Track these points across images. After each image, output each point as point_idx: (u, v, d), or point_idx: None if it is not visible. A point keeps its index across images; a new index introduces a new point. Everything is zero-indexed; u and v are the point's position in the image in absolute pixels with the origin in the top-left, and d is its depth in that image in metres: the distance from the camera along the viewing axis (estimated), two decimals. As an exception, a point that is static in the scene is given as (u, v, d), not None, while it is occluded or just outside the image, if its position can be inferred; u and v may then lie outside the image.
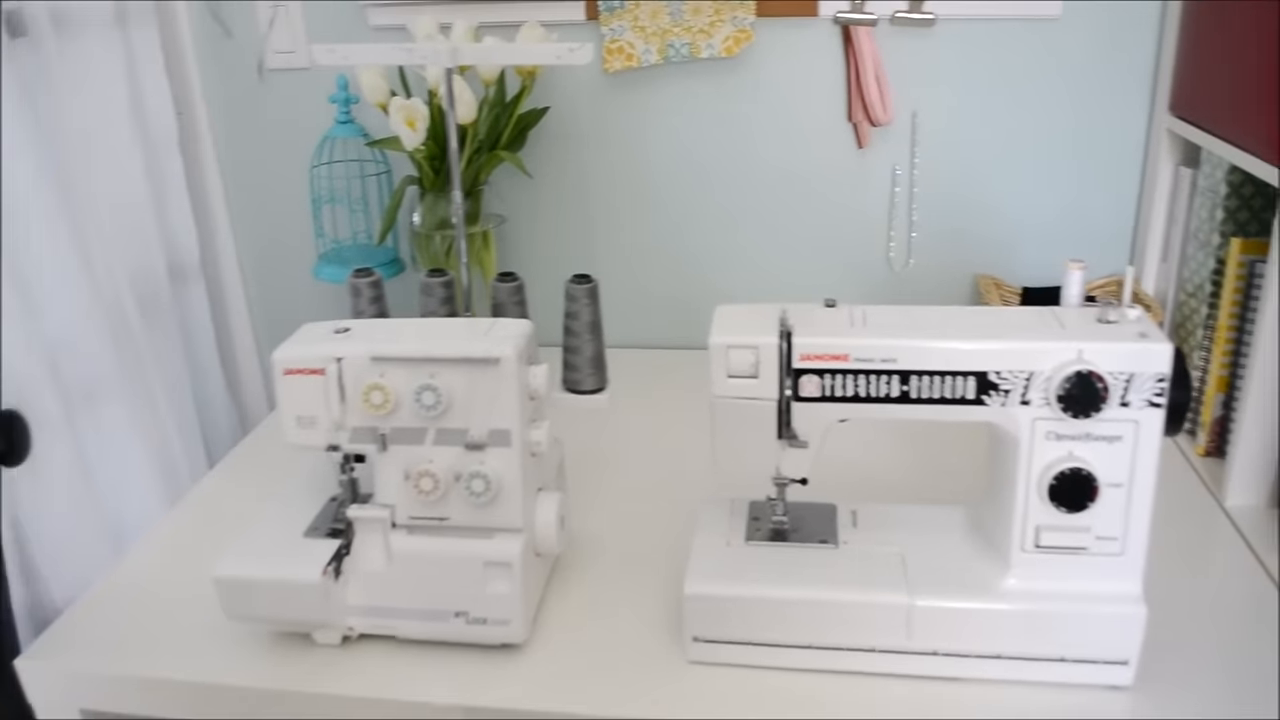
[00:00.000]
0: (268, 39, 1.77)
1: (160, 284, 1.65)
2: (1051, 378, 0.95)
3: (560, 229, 1.83)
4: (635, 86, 1.72)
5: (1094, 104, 1.66)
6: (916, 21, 1.63)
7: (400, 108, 1.47)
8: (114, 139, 1.55)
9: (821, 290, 1.80)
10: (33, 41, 1.40)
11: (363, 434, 1.04)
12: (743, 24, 1.63)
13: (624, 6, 1.64)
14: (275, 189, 1.87)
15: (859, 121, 1.71)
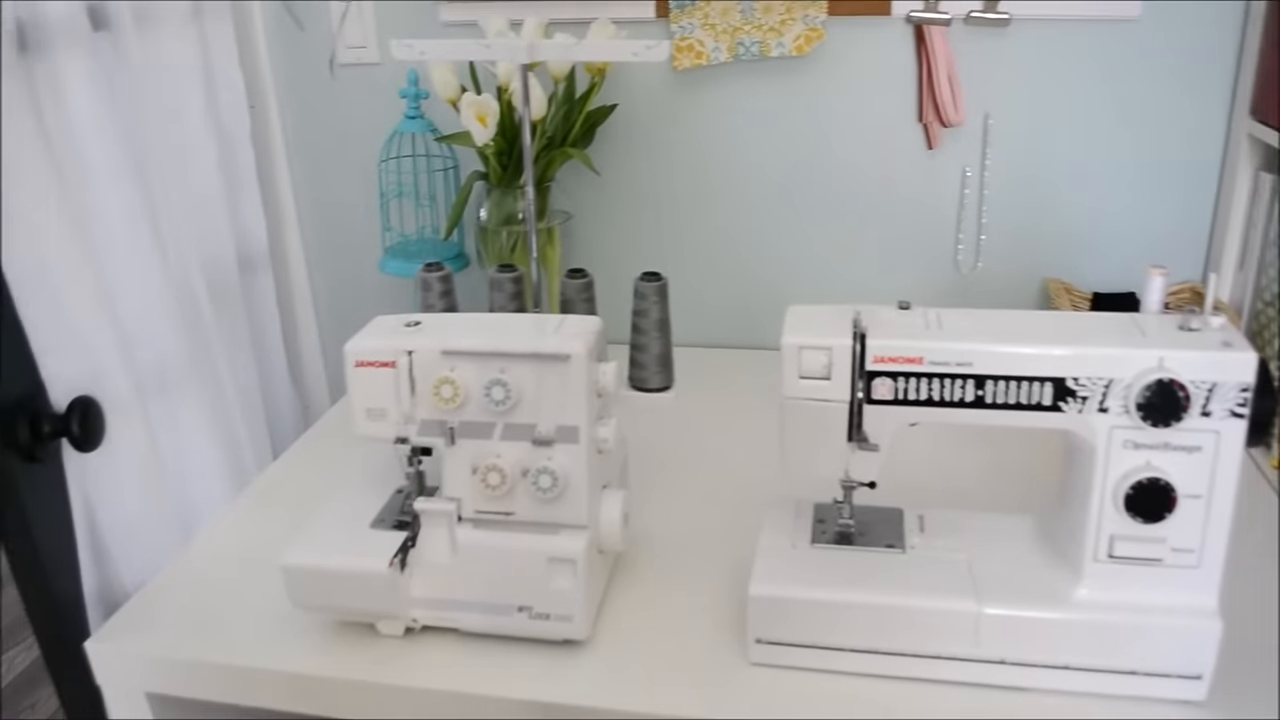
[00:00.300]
0: (339, 34, 1.79)
1: (230, 274, 1.67)
2: (1131, 385, 0.93)
3: (626, 226, 1.83)
4: (704, 84, 1.72)
5: (1172, 107, 1.62)
6: (991, 21, 1.61)
7: (472, 103, 1.48)
8: (189, 130, 1.58)
9: (888, 291, 1.79)
10: (114, 35, 1.42)
11: (431, 427, 1.05)
12: (814, 23, 1.62)
13: (694, 4, 1.64)
14: (343, 182, 1.89)
15: (930, 122, 1.69)
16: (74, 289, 1.27)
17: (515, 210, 1.63)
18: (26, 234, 1.20)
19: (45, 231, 1.23)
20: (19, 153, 1.20)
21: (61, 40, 1.29)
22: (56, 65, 1.29)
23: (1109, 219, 1.70)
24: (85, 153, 1.34)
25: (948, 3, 1.61)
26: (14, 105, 1.18)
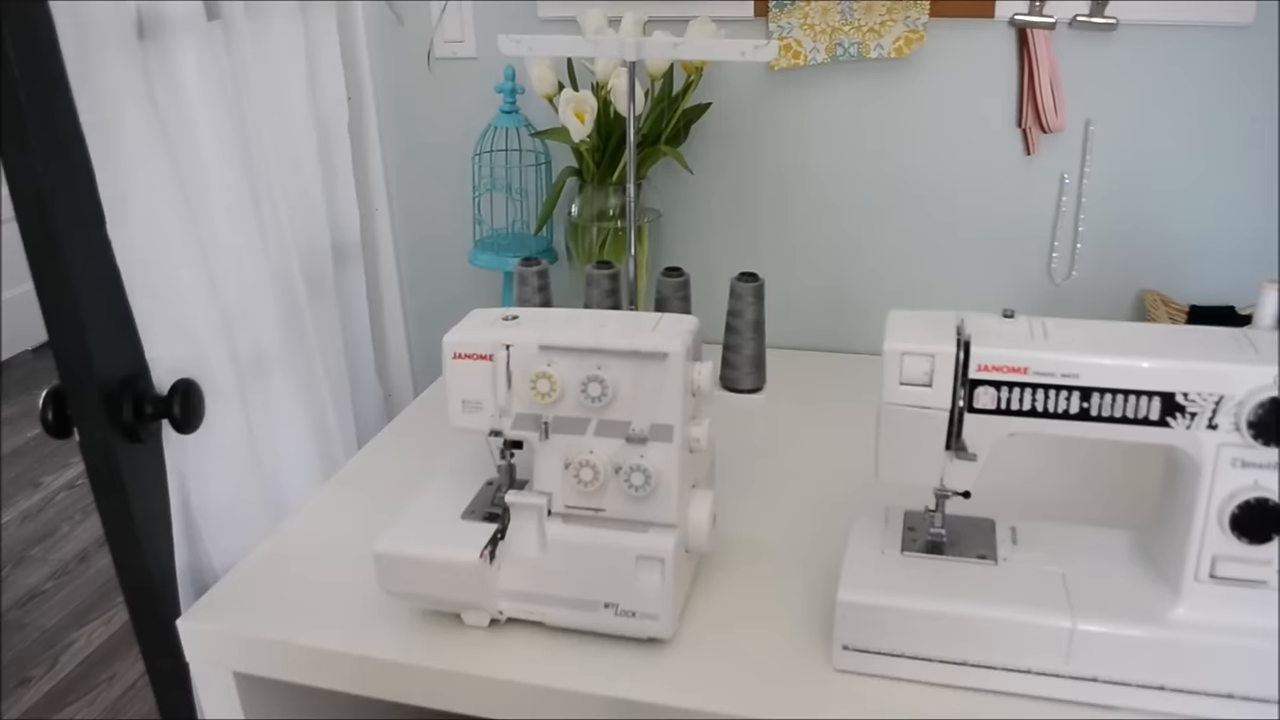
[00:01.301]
0: (438, 28, 1.81)
1: (325, 262, 1.70)
2: (1243, 403, 0.91)
3: (717, 225, 1.83)
4: (800, 85, 1.70)
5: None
6: (1097, 26, 1.58)
7: (570, 99, 1.49)
8: (291, 121, 1.60)
9: (980, 297, 1.76)
10: (225, 25, 1.45)
11: (526, 421, 1.06)
12: (915, 24, 1.60)
13: (794, 4, 1.63)
14: (435, 175, 1.91)
15: (1029, 127, 1.66)
16: (181, 274, 1.30)
17: (606, 206, 1.63)
18: (139, 219, 1.23)
19: (157, 217, 1.26)
20: (134, 138, 1.23)
21: (178, 29, 1.32)
22: (171, 53, 1.32)
23: (1208, 230, 1.66)
24: (196, 139, 1.37)
25: (1053, 5, 1.58)
26: (130, 91, 1.21)
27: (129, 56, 1.20)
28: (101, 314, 1.15)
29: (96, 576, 3.03)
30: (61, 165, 1.09)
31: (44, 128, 1.06)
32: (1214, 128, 1.61)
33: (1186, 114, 1.61)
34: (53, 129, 1.07)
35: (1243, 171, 1.62)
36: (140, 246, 1.24)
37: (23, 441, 3.86)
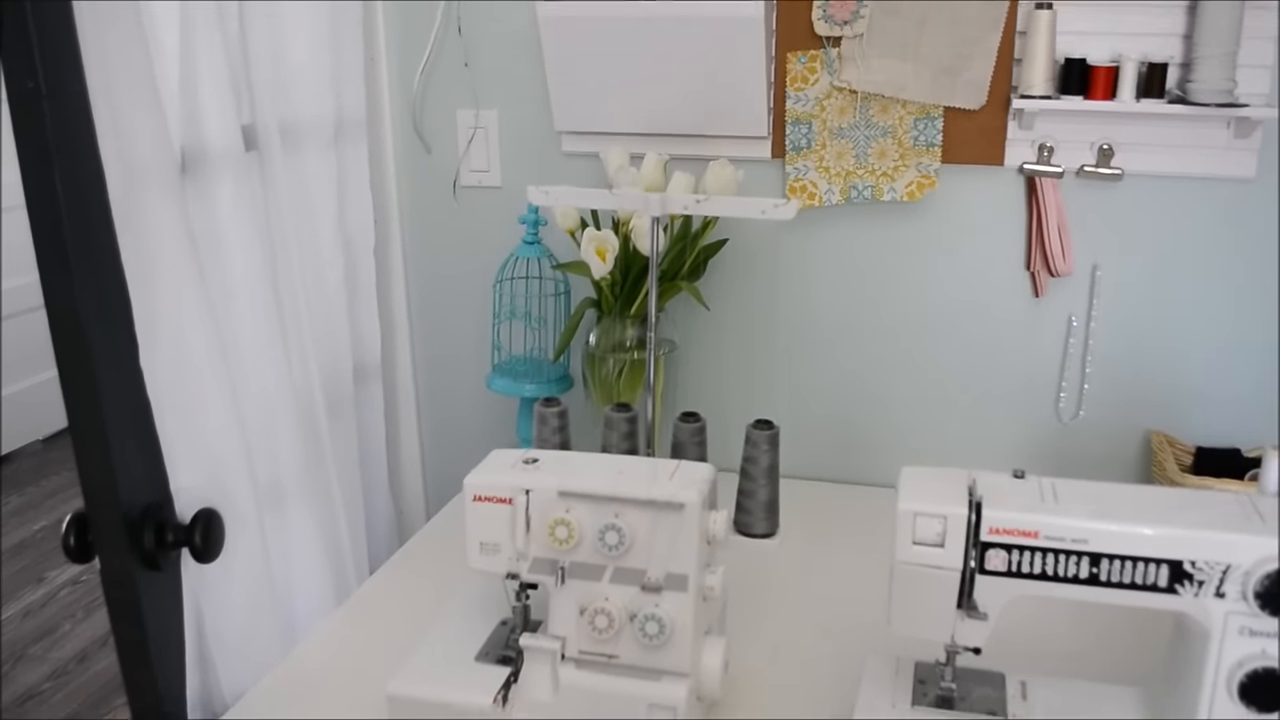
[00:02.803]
0: (464, 158, 1.87)
1: (346, 384, 1.73)
2: (1250, 573, 0.92)
3: (732, 357, 1.86)
4: (816, 224, 1.75)
5: (1283, 266, 1.62)
6: (1104, 176, 1.62)
7: (592, 238, 1.53)
8: (320, 245, 1.65)
9: (989, 434, 1.78)
10: (262, 154, 1.51)
11: (543, 565, 1.07)
12: (927, 170, 1.65)
13: (810, 147, 1.68)
14: (456, 299, 1.95)
15: (1038, 271, 1.70)
16: (208, 400, 1.33)
17: (624, 338, 1.67)
18: (169, 347, 1.26)
19: (187, 345, 1.29)
20: (170, 268, 1.27)
21: (217, 162, 1.37)
22: (209, 185, 1.37)
23: (1214, 374, 1.68)
24: (228, 266, 1.41)
25: (1061, 155, 1.63)
26: (169, 225, 1.26)
27: (170, 193, 1.25)
28: (129, 442, 1.18)
29: (94, 679, 3.00)
30: (100, 297, 1.12)
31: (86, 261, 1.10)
32: (1218, 274, 1.65)
33: (1191, 261, 1.65)
34: (95, 263, 1.11)
35: (1246, 317, 1.65)
36: (169, 373, 1.27)
37: (29, 534, 3.86)
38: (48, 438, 4.62)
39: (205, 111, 1.35)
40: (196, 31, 1.31)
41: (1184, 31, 1.56)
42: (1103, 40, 1.57)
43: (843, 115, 1.66)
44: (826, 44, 1.64)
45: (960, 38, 1.59)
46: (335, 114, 1.65)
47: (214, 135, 1.36)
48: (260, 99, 1.49)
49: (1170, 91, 1.56)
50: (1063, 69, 1.57)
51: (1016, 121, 1.63)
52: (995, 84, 1.61)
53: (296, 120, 1.58)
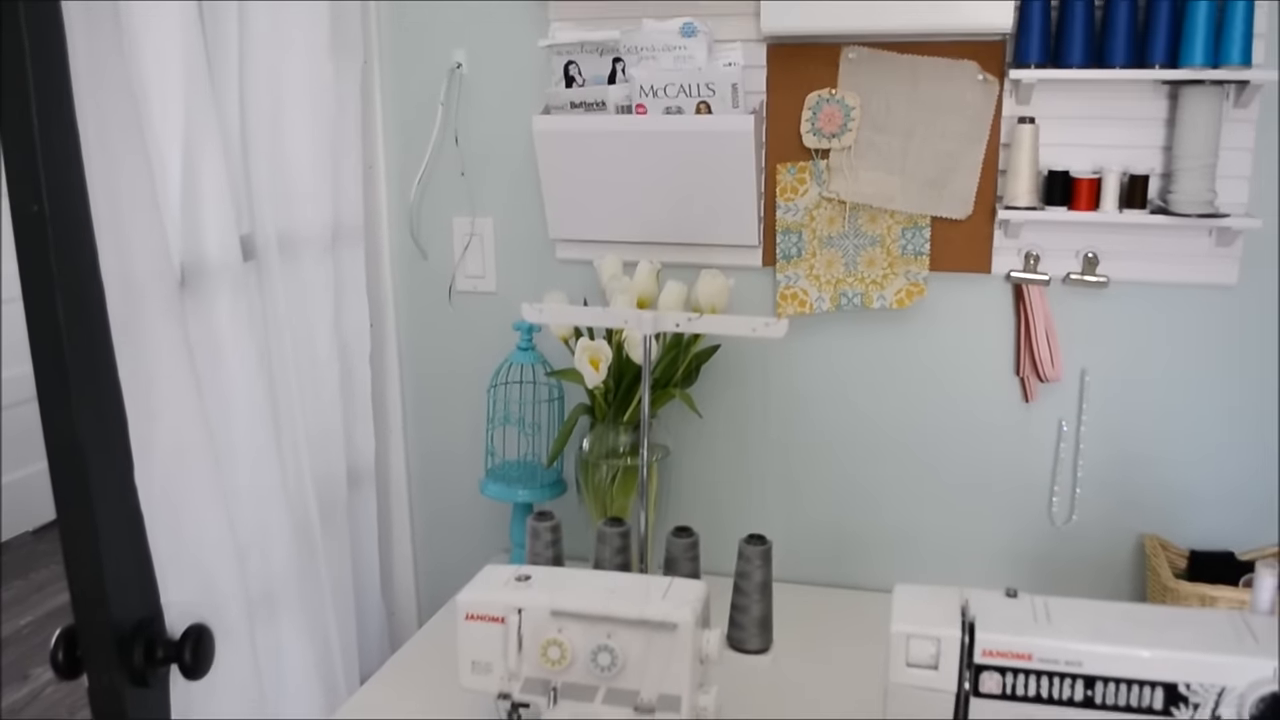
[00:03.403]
0: (460, 263, 1.89)
1: (340, 489, 1.73)
2: (1245, 695, 0.92)
3: (726, 461, 1.87)
4: (806, 331, 1.77)
5: (1268, 369, 1.63)
6: (1090, 284, 1.65)
7: (586, 348, 1.55)
8: (316, 351, 1.66)
9: (981, 538, 1.78)
10: (260, 263, 1.53)
11: (535, 685, 1.07)
12: (916, 278, 1.68)
13: (800, 255, 1.71)
14: (450, 404, 1.97)
15: (1027, 376, 1.71)
16: (201, 513, 1.33)
17: (617, 444, 1.68)
18: (164, 460, 1.27)
19: (182, 458, 1.30)
20: (167, 381, 1.28)
21: (216, 274, 1.39)
22: (208, 298, 1.39)
23: (1206, 476, 1.69)
24: (224, 377, 1.42)
25: (1047, 263, 1.66)
26: (167, 339, 1.27)
27: (169, 308, 1.26)
28: (121, 558, 1.18)
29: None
30: (97, 416, 1.13)
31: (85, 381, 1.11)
32: (1205, 377, 1.66)
33: (1178, 365, 1.67)
34: (93, 383, 1.12)
35: (1234, 419, 1.67)
36: (164, 485, 1.27)
37: (15, 629, 3.81)
38: (37, 529, 4.59)
39: (206, 225, 1.37)
40: (199, 147, 1.34)
41: (1163, 144, 1.60)
42: (1085, 152, 1.61)
43: (832, 225, 1.69)
44: (815, 156, 1.68)
45: (946, 151, 1.63)
46: (333, 222, 1.68)
47: (213, 248, 1.38)
48: (260, 209, 1.52)
49: (1152, 202, 1.60)
50: (1046, 180, 1.61)
51: (1003, 230, 1.66)
52: (981, 194, 1.65)
53: (295, 229, 1.61)
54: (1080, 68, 1.53)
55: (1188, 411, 1.68)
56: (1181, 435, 1.69)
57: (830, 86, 1.65)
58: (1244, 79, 1.50)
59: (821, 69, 1.66)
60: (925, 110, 1.63)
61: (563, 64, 1.69)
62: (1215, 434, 1.68)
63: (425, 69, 1.84)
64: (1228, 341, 1.65)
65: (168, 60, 1.29)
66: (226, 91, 1.45)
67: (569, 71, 1.69)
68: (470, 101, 1.83)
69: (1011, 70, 1.56)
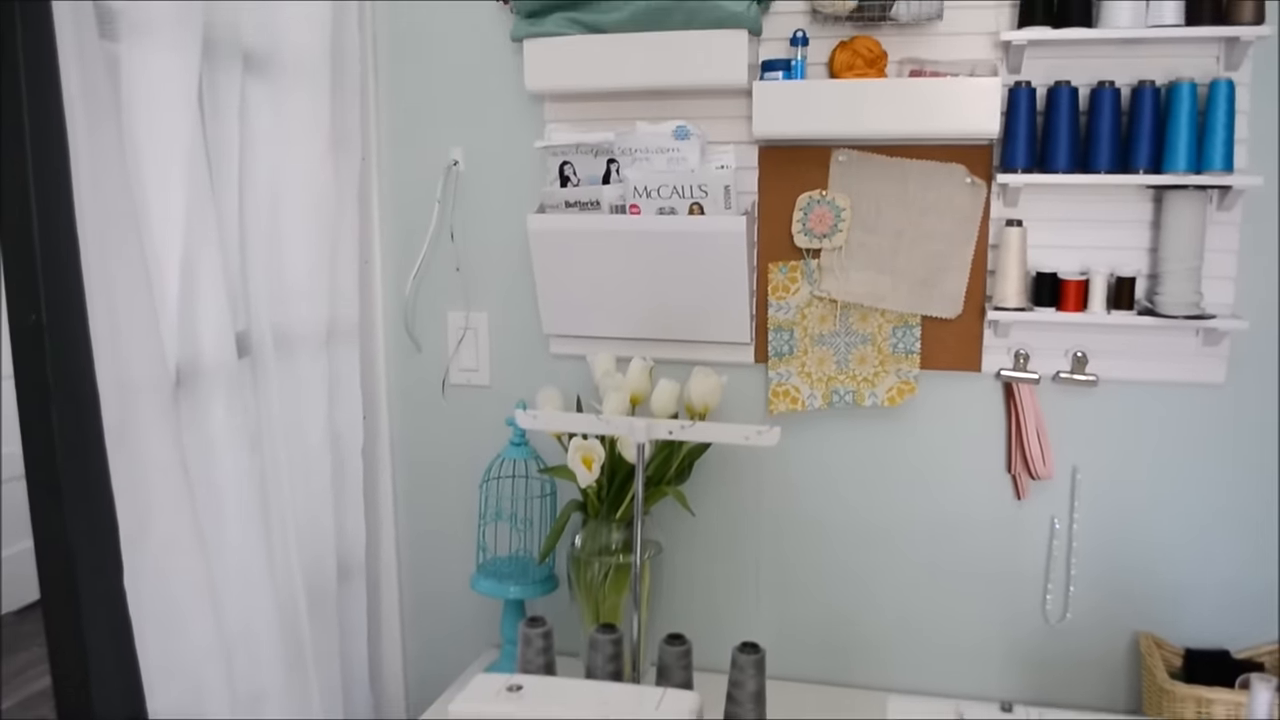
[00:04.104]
0: (454, 357, 1.91)
1: (329, 583, 1.72)
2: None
3: (719, 558, 1.86)
4: (799, 428, 1.78)
5: (1260, 466, 1.64)
6: (1079, 382, 1.66)
7: (579, 448, 1.55)
8: (308, 444, 1.66)
9: (976, 636, 1.78)
10: (255, 359, 1.54)
11: (526, 800, 1.05)
12: (907, 376, 1.69)
13: (792, 353, 1.72)
14: (442, 498, 1.96)
15: (1018, 474, 1.72)
16: (188, 611, 1.32)
17: (609, 541, 1.67)
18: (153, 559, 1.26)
19: (171, 556, 1.29)
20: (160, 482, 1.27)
21: (210, 373, 1.40)
22: (202, 398, 1.40)
23: (1200, 573, 1.69)
24: (217, 474, 1.42)
25: (1036, 361, 1.68)
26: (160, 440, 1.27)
27: (164, 412, 1.27)
28: (107, 660, 1.17)
29: None
30: (89, 522, 1.13)
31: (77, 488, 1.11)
32: (1196, 475, 1.67)
33: (1169, 462, 1.68)
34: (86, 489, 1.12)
35: (1228, 516, 1.67)
36: (152, 585, 1.27)
37: (-6, 716, 3.75)
38: (20, 609, 4.53)
39: (202, 324, 1.38)
40: (199, 247, 1.36)
41: (1149, 245, 1.62)
42: (1072, 253, 1.64)
43: (823, 323, 1.71)
44: (806, 255, 1.71)
45: (935, 251, 1.65)
46: (329, 317, 1.69)
47: (209, 347, 1.39)
48: (256, 305, 1.53)
49: (1139, 302, 1.62)
50: (1035, 281, 1.63)
51: (992, 330, 1.68)
52: (970, 294, 1.67)
53: (291, 325, 1.62)
54: (1066, 172, 1.56)
55: (1180, 508, 1.69)
56: (1175, 532, 1.69)
57: (821, 188, 1.68)
58: (1226, 184, 1.53)
59: (812, 170, 1.69)
60: (915, 211, 1.66)
61: (558, 164, 1.72)
62: (1208, 531, 1.68)
63: (423, 166, 1.87)
64: (1218, 439, 1.66)
65: (169, 159, 1.31)
66: (226, 188, 1.47)
67: (564, 171, 1.72)
68: (466, 198, 1.86)
69: (999, 174, 1.58)
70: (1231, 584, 1.69)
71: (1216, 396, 1.65)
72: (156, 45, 1.27)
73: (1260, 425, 1.64)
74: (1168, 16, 1.50)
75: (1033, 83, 1.58)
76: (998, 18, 1.60)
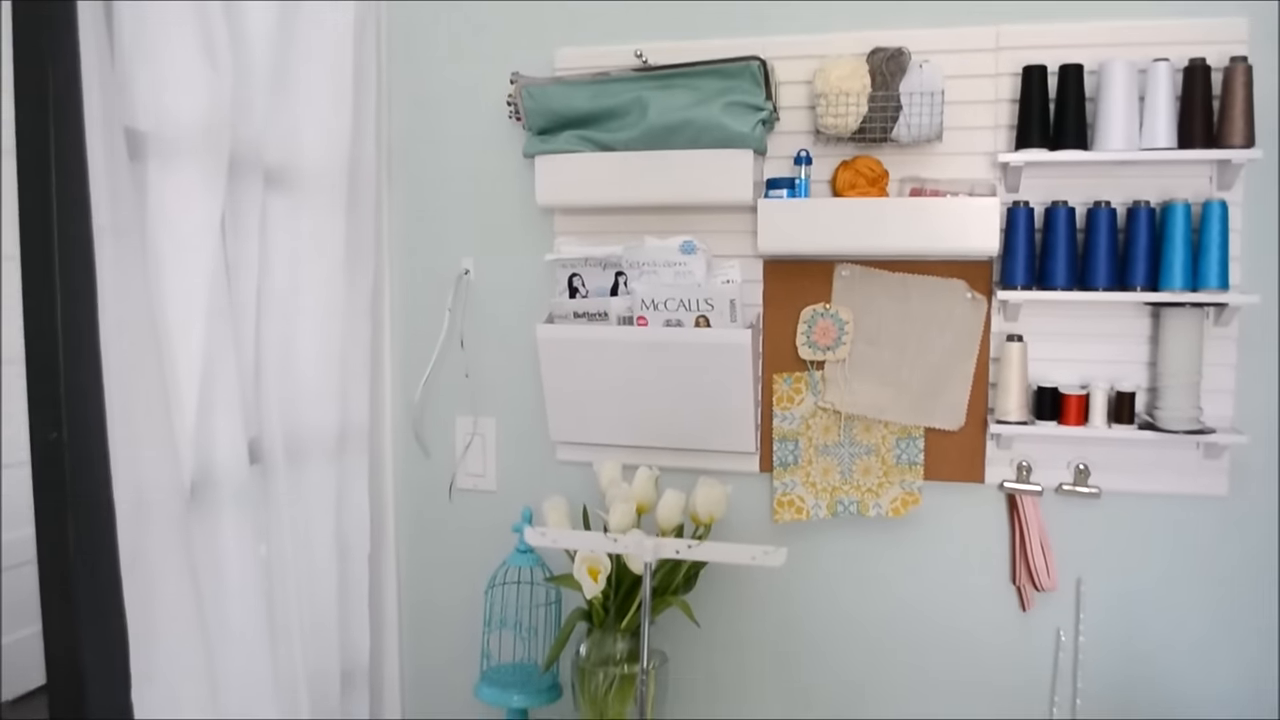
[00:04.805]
0: (461, 462, 1.92)
1: (333, 691, 1.71)
2: None
3: (724, 667, 1.86)
4: (803, 537, 1.79)
5: (1264, 576, 1.65)
6: (1082, 494, 1.67)
7: (585, 559, 1.56)
8: (315, 553, 1.67)
9: (982, 753, 1.76)
10: (265, 467, 1.56)
11: None
12: (911, 488, 1.70)
13: (797, 463, 1.74)
14: (447, 603, 1.97)
15: (1023, 585, 1.72)
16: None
17: (614, 651, 1.67)
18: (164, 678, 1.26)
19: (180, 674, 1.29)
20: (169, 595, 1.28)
21: (222, 484, 1.42)
22: (213, 507, 1.41)
23: (1205, 685, 1.68)
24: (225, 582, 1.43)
25: (1039, 473, 1.69)
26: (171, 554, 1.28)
27: (176, 526, 1.28)
28: (113, 777, 1.17)
29: None
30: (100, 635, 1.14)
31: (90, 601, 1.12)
32: (1202, 587, 1.67)
33: (1175, 575, 1.68)
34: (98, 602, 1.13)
35: (1233, 627, 1.67)
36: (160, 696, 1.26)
37: (-12, 817, 3.67)
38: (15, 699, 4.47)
39: (218, 437, 1.40)
40: (217, 366, 1.38)
41: (1148, 359, 1.65)
42: (1072, 366, 1.67)
43: (827, 434, 1.73)
44: (811, 367, 1.73)
45: (937, 364, 1.68)
46: (339, 425, 1.72)
47: (223, 458, 1.41)
48: (268, 414, 1.56)
49: (1140, 416, 1.64)
50: (1036, 395, 1.65)
51: (995, 442, 1.69)
52: (973, 405, 1.69)
53: (302, 433, 1.64)
54: (1065, 289, 1.59)
55: (1185, 620, 1.69)
56: (1180, 644, 1.69)
57: (824, 301, 1.72)
58: (1222, 302, 1.56)
59: (816, 284, 1.72)
60: (916, 325, 1.69)
61: (567, 275, 1.76)
62: (1214, 642, 1.68)
63: (434, 275, 1.91)
64: (1223, 550, 1.66)
65: (191, 276, 1.34)
66: (244, 303, 1.50)
67: (573, 282, 1.75)
68: (477, 306, 1.90)
69: (999, 291, 1.62)
70: (1237, 695, 1.68)
71: (1219, 508, 1.66)
72: (184, 167, 1.31)
73: (1263, 537, 1.64)
74: (1160, 140, 1.55)
75: (1030, 202, 1.62)
76: (995, 139, 1.65)
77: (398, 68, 1.90)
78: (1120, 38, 1.61)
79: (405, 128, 1.91)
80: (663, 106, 1.63)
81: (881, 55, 1.60)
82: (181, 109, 1.31)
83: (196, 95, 1.32)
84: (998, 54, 1.65)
